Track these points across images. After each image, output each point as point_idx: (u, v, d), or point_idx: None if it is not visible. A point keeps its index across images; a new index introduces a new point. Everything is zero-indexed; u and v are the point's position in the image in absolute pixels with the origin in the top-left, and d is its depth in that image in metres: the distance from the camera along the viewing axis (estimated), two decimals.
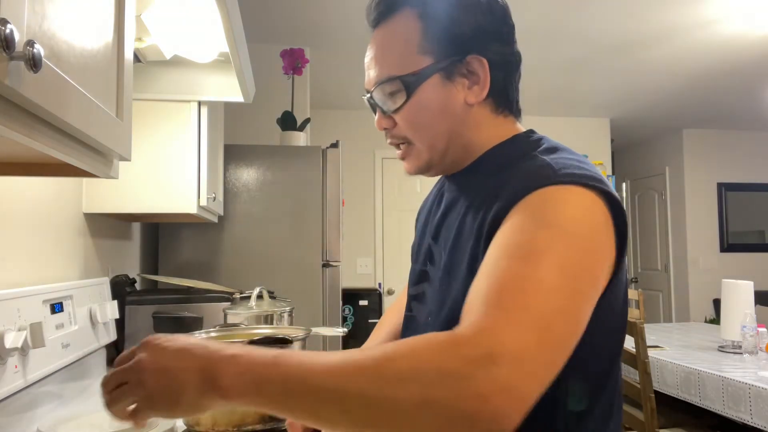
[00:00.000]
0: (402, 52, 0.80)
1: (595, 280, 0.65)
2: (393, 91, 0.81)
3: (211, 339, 0.72)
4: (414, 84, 0.79)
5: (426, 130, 0.82)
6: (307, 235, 2.49)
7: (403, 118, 0.81)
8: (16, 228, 1.21)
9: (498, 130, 0.84)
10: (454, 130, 0.82)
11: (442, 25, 0.79)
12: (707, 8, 3.04)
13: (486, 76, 0.79)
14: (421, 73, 0.79)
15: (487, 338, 0.54)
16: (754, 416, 2.00)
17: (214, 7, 1.10)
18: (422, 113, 0.80)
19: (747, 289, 2.57)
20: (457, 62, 0.79)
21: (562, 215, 0.66)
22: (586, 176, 0.69)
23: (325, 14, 3.09)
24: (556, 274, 0.60)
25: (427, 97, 0.80)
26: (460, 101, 0.80)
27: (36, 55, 0.48)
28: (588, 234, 0.65)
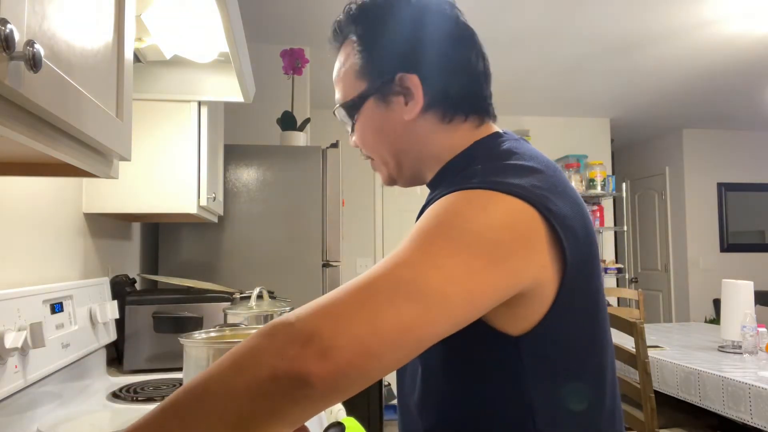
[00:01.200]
0: (345, 79, 0.84)
1: (461, 272, 0.61)
2: (342, 116, 0.86)
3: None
4: (353, 109, 0.84)
5: (375, 150, 0.86)
6: (307, 235, 2.49)
7: (357, 139, 0.87)
8: (16, 228, 1.21)
9: (453, 138, 0.83)
10: (400, 148, 0.84)
11: (373, 47, 0.81)
12: (707, 8, 3.04)
13: (418, 91, 0.80)
14: (358, 98, 0.83)
15: (300, 313, 0.57)
16: (754, 416, 2.00)
17: (214, 7, 1.10)
18: (366, 135, 0.85)
19: (747, 289, 2.57)
20: (389, 82, 0.81)
21: (451, 209, 0.65)
22: (518, 185, 0.67)
23: (325, 14, 3.09)
24: (413, 253, 0.61)
25: (367, 121, 0.84)
26: (400, 119, 0.82)
27: (36, 55, 0.48)
28: (476, 238, 0.62)
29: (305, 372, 0.52)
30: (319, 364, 0.53)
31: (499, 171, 0.71)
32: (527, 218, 0.65)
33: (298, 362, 0.53)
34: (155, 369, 1.67)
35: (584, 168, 4.87)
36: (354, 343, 0.54)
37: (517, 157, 0.74)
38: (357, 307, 0.56)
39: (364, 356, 0.54)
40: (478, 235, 0.63)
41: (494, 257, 0.62)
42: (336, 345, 0.53)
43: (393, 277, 0.59)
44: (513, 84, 4.41)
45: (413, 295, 0.58)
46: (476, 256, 0.61)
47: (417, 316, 0.57)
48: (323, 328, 0.54)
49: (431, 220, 0.65)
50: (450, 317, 0.60)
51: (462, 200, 0.66)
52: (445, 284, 0.59)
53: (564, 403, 0.72)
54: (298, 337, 0.54)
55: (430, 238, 0.62)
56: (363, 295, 0.58)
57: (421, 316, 0.58)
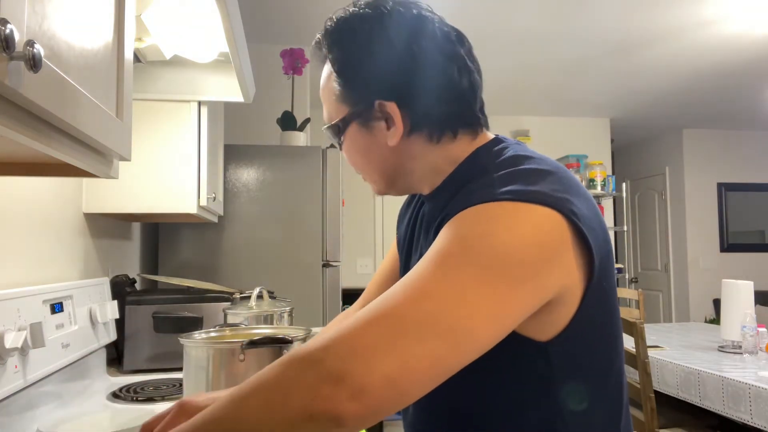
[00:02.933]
0: (329, 101, 0.84)
1: (488, 301, 0.60)
2: (329, 136, 0.86)
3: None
4: (339, 131, 0.84)
5: (363, 169, 0.86)
6: (307, 235, 2.49)
7: (347, 158, 0.87)
8: (16, 228, 1.21)
9: (449, 151, 0.81)
10: (389, 167, 0.83)
11: (350, 74, 0.80)
12: (707, 8, 3.04)
13: (398, 118, 0.78)
14: (341, 122, 0.82)
15: (327, 339, 0.59)
16: (754, 416, 2.00)
17: (214, 7, 1.10)
18: (353, 156, 0.85)
19: (747, 289, 2.57)
20: (368, 109, 0.79)
21: (476, 230, 0.64)
22: (540, 192, 0.66)
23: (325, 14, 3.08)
24: (434, 276, 0.61)
25: (352, 144, 0.84)
26: (384, 143, 0.80)
27: (36, 55, 0.47)
28: (502, 262, 0.61)
29: (339, 413, 0.54)
30: (352, 404, 0.54)
31: (516, 178, 0.68)
32: (553, 226, 0.64)
33: (332, 403, 0.54)
34: (155, 369, 1.67)
35: (584, 168, 4.87)
36: (385, 382, 0.55)
37: (529, 161, 0.73)
38: (386, 345, 0.57)
39: (396, 394, 0.55)
40: (505, 258, 0.61)
41: (522, 278, 0.62)
42: (368, 386, 0.54)
43: (420, 312, 0.58)
44: (513, 84, 4.41)
45: (442, 332, 0.58)
46: (504, 282, 0.61)
47: (446, 351, 0.58)
48: (355, 367, 0.55)
49: (455, 242, 0.63)
50: (479, 346, 0.60)
51: (485, 218, 0.65)
52: (474, 318, 0.59)
53: (592, 403, 0.72)
54: (329, 377, 0.55)
55: (455, 265, 0.61)
56: (391, 330, 0.58)
57: (451, 351, 0.58)
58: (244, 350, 1.00)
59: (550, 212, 0.64)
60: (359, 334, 0.57)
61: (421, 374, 0.57)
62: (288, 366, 0.58)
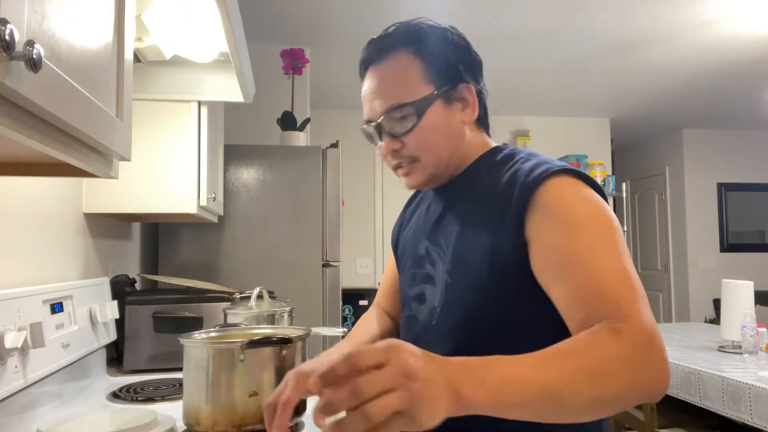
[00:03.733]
0: (408, 83, 0.93)
1: (622, 236, 0.81)
2: (403, 115, 0.93)
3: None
4: (422, 108, 0.93)
5: (433, 148, 0.95)
6: (307, 235, 2.49)
7: (413, 139, 0.94)
8: (16, 228, 1.21)
9: (478, 143, 1.00)
10: (454, 145, 0.96)
11: (437, 60, 0.95)
12: (707, 8, 3.04)
13: (474, 100, 0.96)
14: (427, 99, 0.93)
15: (639, 326, 0.69)
16: (754, 416, 2.00)
17: (214, 7, 1.10)
18: (431, 133, 0.94)
19: (747, 289, 2.57)
20: (451, 90, 0.95)
21: (579, 206, 0.82)
22: (569, 167, 0.87)
23: (325, 14, 3.09)
24: (623, 259, 0.76)
25: (433, 120, 0.93)
26: (458, 122, 0.96)
27: (36, 55, 0.48)
28: (604, 210, 0.82)
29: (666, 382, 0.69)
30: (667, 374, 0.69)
31: (553, 160, 0.90)
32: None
33: (666, 376, 0.69)
34: (155, 369, 1.67)
35: (584, 168, 4.87)
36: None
37: (540, 155, 0.94)
38: (651, 315, 0.73)
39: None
40: (609, 213, 0.83)
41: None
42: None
43: (640, 288, 0.75)
44: (513, 84, 4.41)
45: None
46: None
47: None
48: (661, 342, 0.70)
49: (604, 223, 0.81)
50: None
51: (574, 192, 0.84)
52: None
53: None
54: (662, 355, 0.69)
55: (613, 237, 0.79)
56: (647, 305, 0.74)
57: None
58: (244, 350, 1.00)
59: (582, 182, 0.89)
60: (646, 307, 0.73)
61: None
62: (633, 350, 0.67)
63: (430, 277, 0.98)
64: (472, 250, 0.90)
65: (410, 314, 1.02)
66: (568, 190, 0.84)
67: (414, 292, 1.02)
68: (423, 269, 1.01)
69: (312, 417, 0.57)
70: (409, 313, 1.03)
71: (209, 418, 1.00)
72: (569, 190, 0.84)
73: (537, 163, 0.89)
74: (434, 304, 0.96)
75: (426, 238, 1.02)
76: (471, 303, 0.89)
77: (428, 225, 1.03)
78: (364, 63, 0.99)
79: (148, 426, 1.04)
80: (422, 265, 1.01)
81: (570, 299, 0.77)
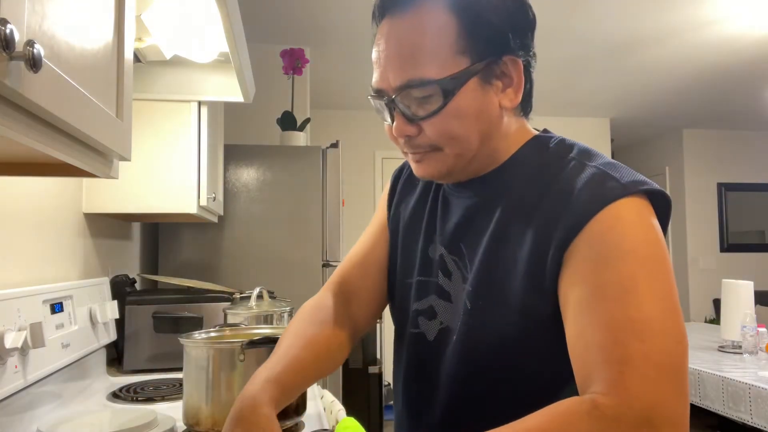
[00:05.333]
0: (436, 51, 0.71)
1: (676, 296, 0.65)
2: (425, 96, 0.72)
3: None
4: (453, 89, 0.71)
5: (460, 138, 0.74)
6: (307, 235, 2.49)
7: (434, 126, 0.73)
8: (16, 228, 1.21)
9: (516, 132, 0.80)
10: (486, 135, 0.75)
11: (479, 21, 0.71)
12: (707, 8, 3.04)
13: (520, 79, 0.74)
14: (460, 76, 0.71)
15: (635, 405, 0.57)
16: (754, 416, 2.00)
17: (214, 7, 1.10)
18: (458, 121, 0.72)
19: (747, 289, 2.57)
20: (493, 63, 0.73)
21: (633, 239, 0.65)
22: (637, 182, 0.70)
23: (325, 14, 3.09)
24: (657, 308, 0.62)
25: (465, 103, 0.72)
26: (495, 105, 0.74)
27: (36, 55, 0.47)
28: (660, 250, 0.66)
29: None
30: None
31: (622, 170, 0.71)
32: (652, 212, 0.71)
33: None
34: (155, 369, 1.67)
35: None
36: (682, 419, 0.59)
37: (599, 154, 0.75)
38: (683, 398, 0.59)
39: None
40: (663, 254, 0.67)
41: (670, 263, 0.68)
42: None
43: (678, 356, 0.61)
44: None
45: (684, 347, 0.62)
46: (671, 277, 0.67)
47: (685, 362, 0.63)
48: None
49: (652, 259, 0.65)
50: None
51: (632, 222, 0.67)
52: (683, 319, 0.65)
53: None
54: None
55: (656, 277, 0.65)
56: (676, 384, 0.59)
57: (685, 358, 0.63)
58: (244, 350, 1.00)
59: (646, 202, 0.71)
60: (646, 388, 0.58)
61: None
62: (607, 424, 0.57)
63: (444, 292, 0.81)
64: (504, 275, 0.73)
65: (417, 332, 0.85)
66: (629, 220, 0.66)
67: (422, 306, 0.84)
68: (434, 278, 0.83)
69: None
70: (415, 330, 0.85)
71: (209, 418, 1.00)
72: (635, 217, 0.67)
73: (600, 174, 0.69)
74: (450, 324, 0.80)
75: (442, 243, 0.83)
76: (497, 339, 0.73)
77: (446, 226, 0.83)
78: (381, 8, 0.75)
79: (148, 426, 1.04)
80: (433, 274, 0.84)
81: (575, 341, 0.65)
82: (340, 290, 0.93)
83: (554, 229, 0.68)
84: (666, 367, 0.59)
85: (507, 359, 0.73)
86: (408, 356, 0.86)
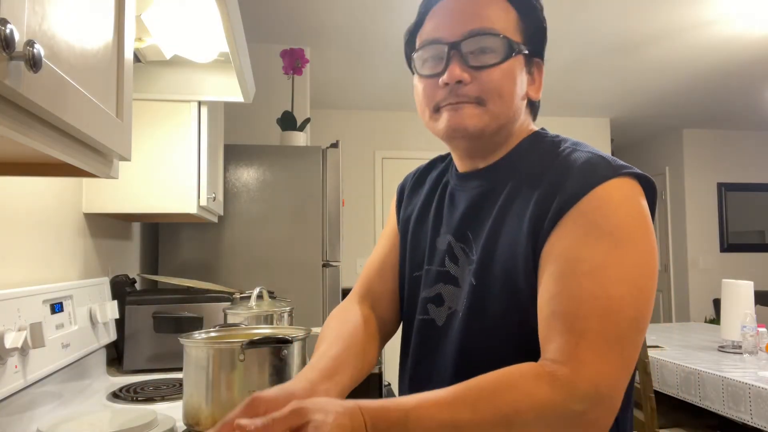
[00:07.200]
0: (503, 16, 0.81)
1: (654, 276, 0.71)
2: (490, 47, 0.80)
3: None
4: (512, 51, 0.80)
5: (503, 98, 0.81)
6: (307, 235, 2.49)
7: (489, 78, 0.80)
8: (16, 228, 1.21)
9: (524, 126, 0.88)
10: (514, 113, 0.84)
11: (531, 14, 0.84)
12: (707, 8, 3.04)
13: (541, 80, 0.87)
14: (517, 47, 0.81)
15: (586, 375, 0.63)
16: (754, 416, 2.00)
17: (214, 7, 1.10)
18: (508, 81, 0.81)
19: (747, 289, 2.57)
20: (531, 57, 0.85)
21: (616, 221, 0.70)
22: (626, 166, 0.75)
23: (325, 14, 3.09)
24: (622, 289, 0.67)
25: (514, 70, 0.81)
26: (524, 91, 0.85)
27: (36, 55, 0.47)
28: (642, 232, 0.71)
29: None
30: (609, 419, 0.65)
31: (602, 155, 0.78)
32: (642, 194, 0.75)
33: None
34: (155, 369, 1.67)
35: None
36: (621, 392, 0.66)
37: (584, 144, 0.83)
38: (626, 375, 0.66)
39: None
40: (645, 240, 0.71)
41: (654, 250, 0.73)
42: (614, 402, 0.66)
43: (631, 335, 0.67)
44: None
45: (644, 324, 0.69)
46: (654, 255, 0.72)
47: (641, 337, 0.69)
48: (614, 406, 0.65)
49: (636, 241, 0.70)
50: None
51: (619, 203, 0.72)
52: (650, 306, 0.70)
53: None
54: (605, 418, 0.65)
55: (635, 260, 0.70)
56: (623, 362, 0.66)
57: (641, 336, 0.69)
58: (244, 350, 1.00)
59: (637, 184, 0.76)
60: (602, 366, 0.64)
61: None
62: (561, 405, 0.62)
63: (452, 277, 0.86)
64: (505, 249, 0.78)
65: (426, 318, 0.89)
66: (617, 201, 0.71)
67: (430, 294, 0.89)
68: (442, 267, 0.88)
69: None
70: (424, 317, 0.89)
71: (209, 418, 1.00)
72: (622, 199, 0.72)
73: (596, 157, 0.76)
74: (455, 307, 0.84)
75: (449, 232, 0.88)
76: (497, 311, 0.78)
77: (453, 217, 0.88)
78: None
79: (148, 426, 1.04)
80: (441, 263, 0.88)
81: (543, 305, 0.70)
82: (364, 297, 0.99)
83: (552, 200, 0.74)
84: (617, 343, 0.65)
85: (509, 328, 0.77)
86: (417, 339, 0.90)
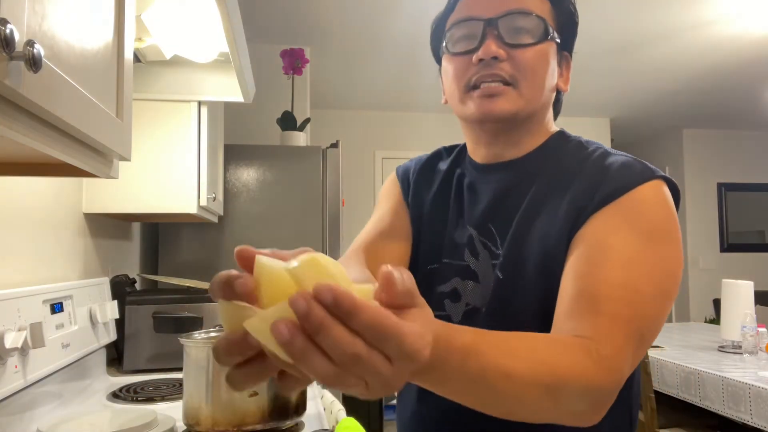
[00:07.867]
0: (541, 6, 0.81)
1: (678, 282, 0.72)
2: (527, 27, 0.79)
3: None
4: (547, 34, 0.80)
5: (536, 79, 0.80)
6: (307, 235, 2.49)
7: (523, 57, 0.79)
8: (16, 228, 1.21)
9: (549, 123, 0.90)
10: (546, 101, 0.84)
11: (565, 15, 0.84)
12: (707, 8, 3.04)
13: (569, 75, 0.87)
14: (552, 32, 0.81)
15: (621, 359, 0.63)
16: (754, 416, 2.00)
17: (214, 7, 1.10)
18: (541, 62, 0.80)
19: (747, 289, 2.57)
20: (562, 48, 0.85)
21: (654, 221, 0.72)
22: (666, 175, 0.77)
23: (325, 14, 3.09)
24: (652, 287, 0.69)
25: (548, 54, 0.81)
26: (555, 81, 0.85)
27: (36, 55, 0.47)
28: (675, 235, 0.72)
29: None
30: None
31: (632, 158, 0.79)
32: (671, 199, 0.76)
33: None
34: (155, 369, 1.67)
35: None
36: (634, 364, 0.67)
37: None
38: (636, 361, 0.67)
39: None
40: (675, 242, 0.73)
41: (681, 253, 0.74)
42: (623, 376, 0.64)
43: (651, 332, 0.69)
44: None
45: (655, 330, 0.71)
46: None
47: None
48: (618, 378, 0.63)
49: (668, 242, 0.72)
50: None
51: (657, 204, 0.73)
52: (671, 306, 0.73)
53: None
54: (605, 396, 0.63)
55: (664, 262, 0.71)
56: (639, 351, 0.67)
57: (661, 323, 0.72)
58: None
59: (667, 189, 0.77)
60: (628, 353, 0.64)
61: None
62: (586, 359, 0.60)
63: (471, 272, 0.83)
64: (537, 246, 0.76)
65: (442, 315, 0.84)
66: (655, 202, 0.73)
67: (446, 289, 0.85)
68: (461, 261, 0.85)
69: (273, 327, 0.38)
70: (440, 313, 0.85)
71: (209, 418, 1.00)
72: (658, 201, 0.73)
73: (631, 160, 0.77)
74: (476, 304, 0.81)
75: (471, 225, 0.85)
76: (527, 305, 0.76)
77: (475, 209, 0.86)
78: None
79: (148, 426, 1.04)
80: (460, 256, 0.85)
81: (570, 280, 0.69)
82: (363, 255, 0.87)
83: (590, 198, 0.74)
84: (637, 338, 0.66)
85: (536, 322, 0.75)
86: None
